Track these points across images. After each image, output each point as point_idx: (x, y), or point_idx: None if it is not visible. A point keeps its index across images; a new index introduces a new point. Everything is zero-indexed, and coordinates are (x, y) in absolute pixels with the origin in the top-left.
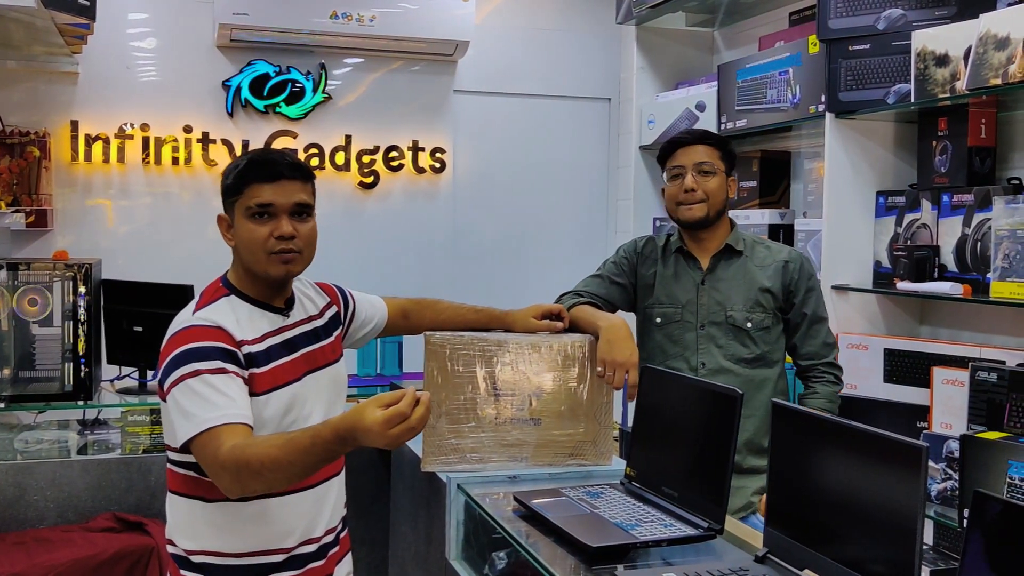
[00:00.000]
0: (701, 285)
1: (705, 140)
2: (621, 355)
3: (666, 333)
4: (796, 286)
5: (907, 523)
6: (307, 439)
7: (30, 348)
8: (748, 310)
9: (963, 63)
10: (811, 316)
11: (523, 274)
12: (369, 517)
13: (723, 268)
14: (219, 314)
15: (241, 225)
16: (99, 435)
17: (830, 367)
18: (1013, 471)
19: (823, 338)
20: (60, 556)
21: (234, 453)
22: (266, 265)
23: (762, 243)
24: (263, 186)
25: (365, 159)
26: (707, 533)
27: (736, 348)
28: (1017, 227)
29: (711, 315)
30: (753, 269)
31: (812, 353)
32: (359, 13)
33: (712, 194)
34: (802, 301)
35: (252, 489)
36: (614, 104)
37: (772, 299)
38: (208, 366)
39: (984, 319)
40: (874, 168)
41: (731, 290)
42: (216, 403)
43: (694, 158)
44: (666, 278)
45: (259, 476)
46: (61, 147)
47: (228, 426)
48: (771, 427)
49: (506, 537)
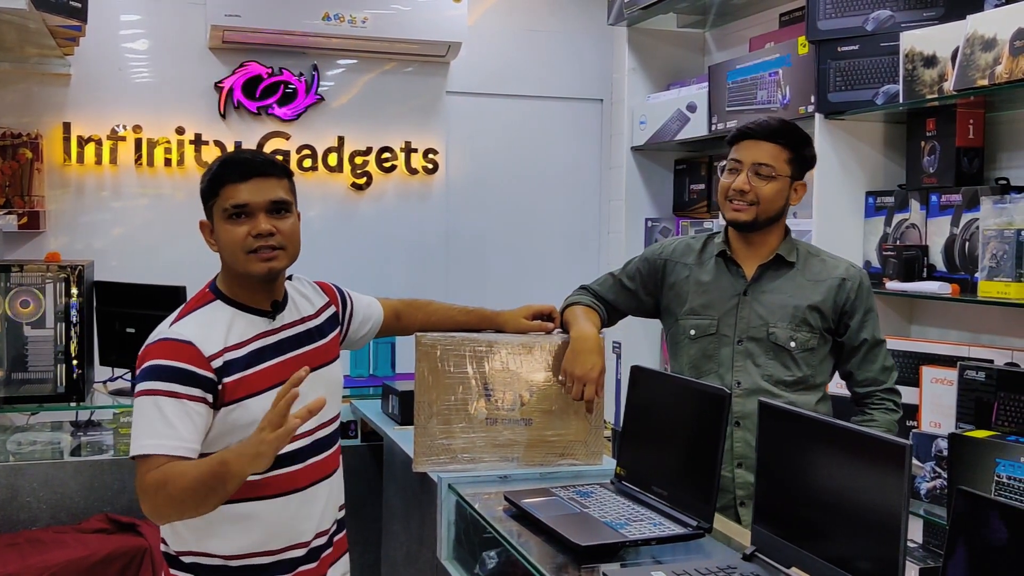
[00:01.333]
0: (743, 296)
1: (775, 137)
2: (581, 368)
3: (700, 347)
4: (852, 307)
5: (892, 520)
6: (205, 463)
7: (23, 350)
8: (793, 328)
9: (951, 64)
10: (870, 341)
11: (515, 275)
12: (361, 518)
13: (769, 279)
14: (194, 327)
15: (220, 227)
16: (92, 436)
17: (889, 393)
18: (1001, 469)
19: (882, 362)
20: (53, 557)
21: (155, 475)
22: (246, 264)
23: (818, 256)
24: (237, 186)
25: (358, 160)
26: (696, 532)
27: (776, 369)
28: (1004, 227)
29: (751, 330)
30: (804, 284)
31: (871, 380)
32: (351, 14)
33: (765, 199)
34: (860, 324)
35: (162, 513)
36: (606, 105)
37: (821, 319)
38: (164, 387)
39: (972, 318)
40: (863, 168)
41: (776, 304)
42: (157, 430)
43: (755, 156)
44: (703, 285)
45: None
46: (53, 149)
47: (156, 457)
48: (758, 427)
49: (497, 537)
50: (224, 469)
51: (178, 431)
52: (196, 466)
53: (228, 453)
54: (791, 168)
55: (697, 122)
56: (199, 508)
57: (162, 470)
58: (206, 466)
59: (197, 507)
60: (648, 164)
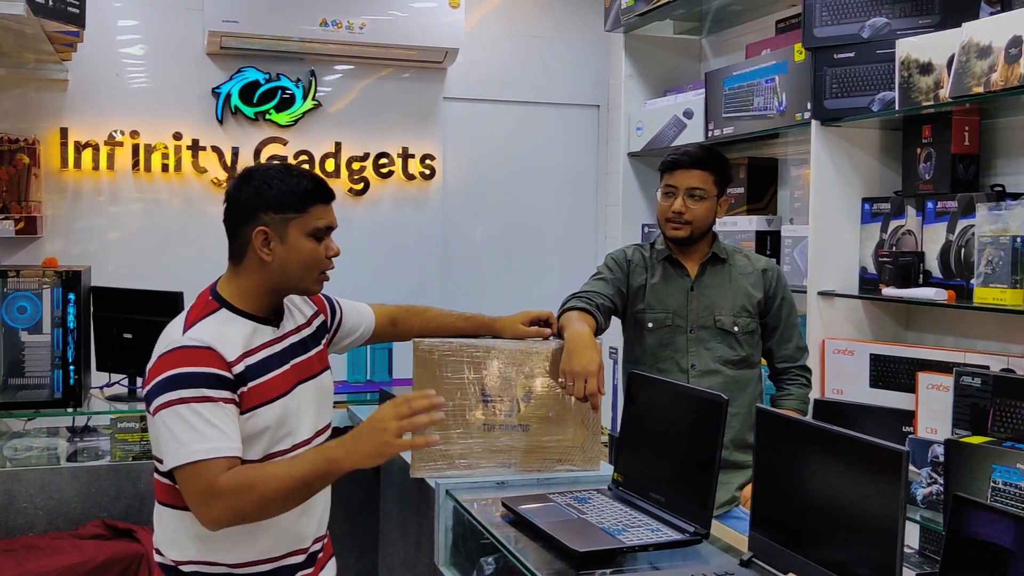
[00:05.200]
0: (690, 291)
1: (703, 165)
2: (579, 364)
3: (658, 337)
4: (775, 292)
5: (888, 526)
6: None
7: (19, 355)
8: (735, 315)
9: (946, 71)
10: (786, 321)
11: (512, 280)
12: (359, 523)
13: (710, 275)
14: (209, 333)
15: (300, 243)
16: (88, 442)
17: (803, 370)
18: (997, 475)
19: (796, 342)
20: (50, 563)
21: (236, 477)
22: (311, 283)
23: (740, 252)
24: (325, 207)
25: (355, 166)
26: (693, 537)
27: (723, 350)
28: (1000, 233)
29: (700, 319)
30: (737, 277)
31: (787, 356)
32: (348, 20)
33: (698, 218)
34: (779, 307)
35: (243, 515)
36: (603, 111)
37: (755, 305)
38: (196, 394)
39: (968, 324)
40: (860, 175)
41: (718, 296)
42: (206, 434)
43: (688, 182)
44: (656, 285)
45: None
46: (51, 154)
47: (217, 460)
48: (755, 432)
49: (494, 542)
50: (334, 467)
51: (225, 433)
52: (291, 465)
53: (335, 451)
54: (717, 188)
55: (694, 128)
56: (287, 507)
57: (241, 472)
58: (308, 465)
59: (286, 506)
60: (645, 170)
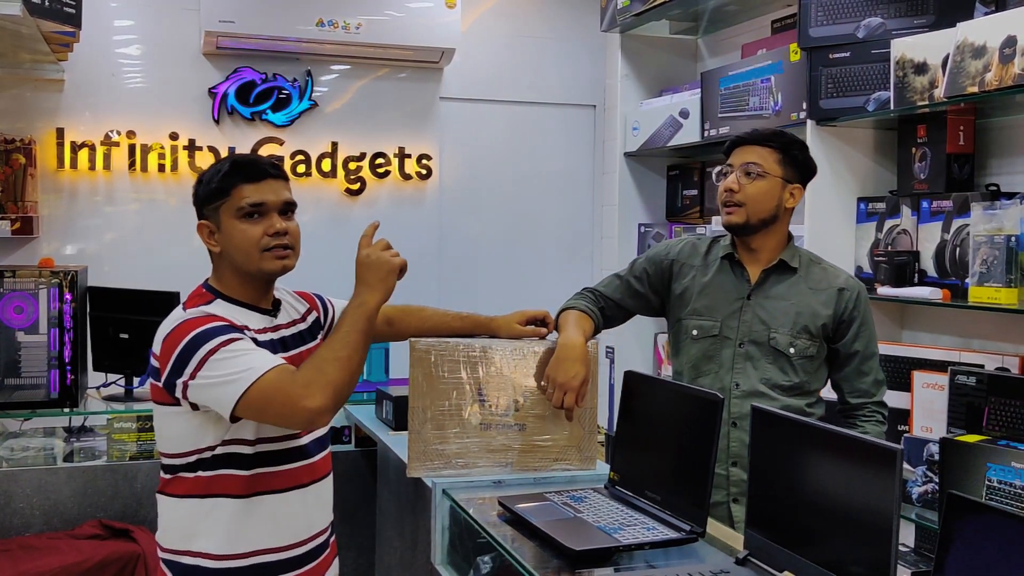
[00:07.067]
0: (747, 300)
1: (764, 141)
2: (563, 376)
3: (702, 347)
4: (850, 316)
5: (883, 524)
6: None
7: (16, 355)
8: (794, 335)
9: (941, 71)
10: (864, 351)
11: (509, 280)
12: (355, 523)
13: (773, 284)
14: (211, 311)
15: (232, 227)
16: (85, 442)
17: (880, 406)
18: (992, 474)
19: (874, 375)
20: (46, 563)
21: (307, 364)
22: (261, 263)
23: (820, 264)
24: (250, 186)
25: (351, 166)
26: (689, 536)
27: (774, 372)
28: (995, 232)
29: (753, 333)
30: (805, 291)
31: (863, 391)
32: (345, 20)
33: (752, 199)
34: (855, 335)
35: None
36: (599, 111)
37: (821, 327)
38: (223, 338)
39: (963, 324)
40: (855, 174)
41: (778, 310)
42: (255, 355)
43: (744, 157)
44: (707, 287)
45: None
46: (47, 154)
47: (281, 365)
48: (751, 432)
49: (491, 541)
50: (367, 308)
51: (268, 354)
52: (337, 330)
53: (359, 297)
54: (782, 169)
55: (690, 128)
56: (361, 360)
57: (304, 365)
58: (349, 320)
59: (361, 358)
60: (641, 170)
